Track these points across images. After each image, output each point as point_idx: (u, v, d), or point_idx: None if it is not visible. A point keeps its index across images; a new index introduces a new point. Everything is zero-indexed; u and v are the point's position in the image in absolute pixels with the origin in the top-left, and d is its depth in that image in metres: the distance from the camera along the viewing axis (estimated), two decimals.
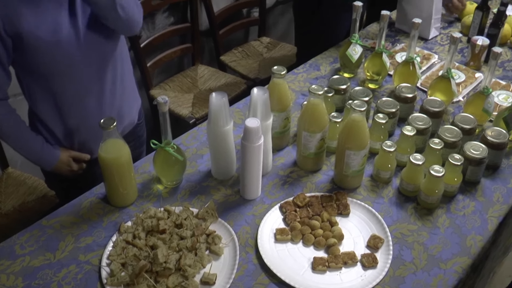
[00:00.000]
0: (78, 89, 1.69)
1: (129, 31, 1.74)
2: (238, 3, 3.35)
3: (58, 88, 1.67)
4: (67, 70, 1.63)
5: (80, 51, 1.62)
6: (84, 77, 1.68)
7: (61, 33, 1.57)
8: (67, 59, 1.61)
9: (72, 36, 1.59)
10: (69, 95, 1.69)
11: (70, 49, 1.60)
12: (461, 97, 2.10)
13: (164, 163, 1.62)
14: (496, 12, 2.33)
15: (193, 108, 2.86)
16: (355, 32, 2.09)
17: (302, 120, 1.64)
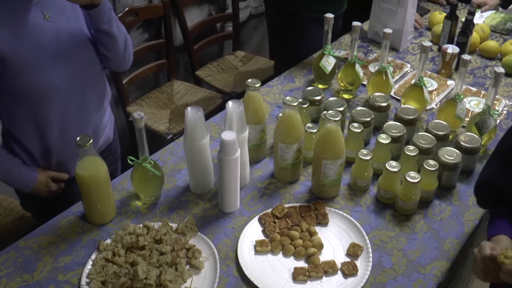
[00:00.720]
0: (59, 109, 1.68)
1: (121, 67, 1.84)
2: (212, 18, 3.37)
3: (38, 109, 1.65)
4: (49, 91, 1.63)
5: (62, 71, 1.62)
6: (65, 98, 1.68)
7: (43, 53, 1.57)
8: (48, 79, 1.60)
9: (54, 59, 1.59)
10: (50, 115, 1.68)
11: (52, 70, 1.60)
12: (434, 105, 2.14)
13: (142, 179, 1.61)
14: (464, 21, 2.38)
15: (170, 123, 2.86)
16: (328, 43, 2.12)
17: (278, 131, 1.65)
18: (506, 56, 2.41)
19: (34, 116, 1.66)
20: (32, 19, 1.55)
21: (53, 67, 1.60)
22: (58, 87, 1.63)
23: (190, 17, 3.21)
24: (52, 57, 1.59)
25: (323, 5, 2.37)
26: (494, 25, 2.80)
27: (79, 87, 1.71)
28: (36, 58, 1.56)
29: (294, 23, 2.56)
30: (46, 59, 1.58)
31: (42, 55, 1.57)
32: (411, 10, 2.49)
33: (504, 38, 2.70)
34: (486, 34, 2.62)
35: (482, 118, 1.82)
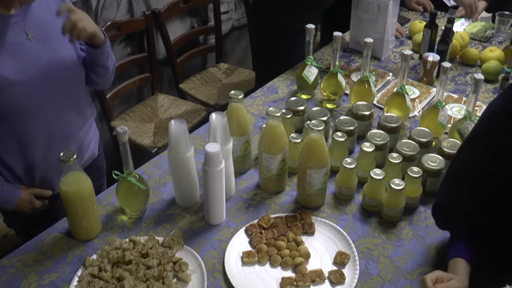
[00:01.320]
0: (42, 127, 1.67)
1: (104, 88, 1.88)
2: (194, 31, 3.38)
3: (21, 127, 1.64)
4: (32, 110, 1.62)
5: (46, 91, 1.62)
6: (49, 116, 1.67)
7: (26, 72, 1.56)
8: (32, 99, 1.60)
9: (38, 76, 1.59)
10: (33, 133, 1.67)
11: (35, 89, 1.59)
12: (416, 112, 2.16)
13: (127, 194, 1.61)
14: (443, 29, 2.41)
15: (155, 137, 2.86)
16: (310, 54, 2.13)
17: (262, 142, 1.65)
18: (485, 63, 2.44)
19: (17, 133, 1.65)
20: (15, 39, 1.56)
21: (37, 86, 1.59)
22: (42, 105, 1.63)
23: (172, 30, 3.22)
24: (35, 76, 1.59)
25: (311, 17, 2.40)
26: (474, 33, 2.84)
27: (63, 105, 1.70)
28: (19, 77, 1.55)
29: (277, 33, 2.58)
30: (30, 78, 1.57)
31: (26, 74, 1.57)
32: (391, 19, 2.51)
33: (483, 46, 2.73)
34: (465, 42, 2.66)
35: (463, 124, 1.84)
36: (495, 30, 2.83)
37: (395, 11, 2.54)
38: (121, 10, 2.93)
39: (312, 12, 2.50)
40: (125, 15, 2.96)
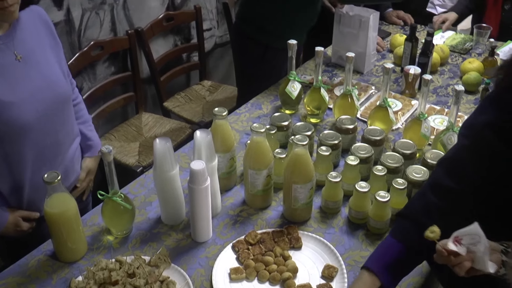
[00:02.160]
0: (31, 148, 1.66)
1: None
2: (177, 49, 3.39)
3: (10, 147, 1.63)
4: (21, 130, 1.61)
5: (35, 111, 1.61)
6: (37, 136, 1.66)
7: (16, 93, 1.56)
8: (21, 119, 1.59)
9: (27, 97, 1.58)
10: (22, 153, 1.66)
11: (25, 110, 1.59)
12: (399, 124, 2.18)
13: (112, 213, 1.60)
14: (424, 42, 2.44)
15: (140, 156, 2.85)
16: (292, 69, 2.15)
17: (247, 158, 1.66)
18: (465, 74, 2.47)
19: (5, 154, 1.64)
20: (4, 59, 1.56)
21: (26, 107, 1.59)
22: (30, 126, 1.62)
23: (155, 48, 3.23)
24: (25, 96, 1.58)
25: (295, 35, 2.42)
26: (453, 45, 2.89)
27: (52, 125, 1.70)
28: (9, 98, 1.55)
29: (259, 52, 2.60)
30: (20, 98, 1.57)
31: (15, 94, 1.56)
32: (372, 34, 2.55)
33: (463, 57, 2.78)
34: (445, 54, 2.70)
35: (446, 135, 1.85)
36: (474, 42, 2.88)
37: (376, 25, 2.58)
38: (104, 29, 2.94)
39: (295, 31, 2.52)
40: (108, 34, 2.97)
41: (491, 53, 2.58)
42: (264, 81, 2.53)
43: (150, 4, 3.16)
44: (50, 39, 1.70)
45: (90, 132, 1.99)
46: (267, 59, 2.59)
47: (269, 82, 2.51)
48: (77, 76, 2.80)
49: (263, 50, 2.59)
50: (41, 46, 1.63)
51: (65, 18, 2.69)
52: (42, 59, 1.64)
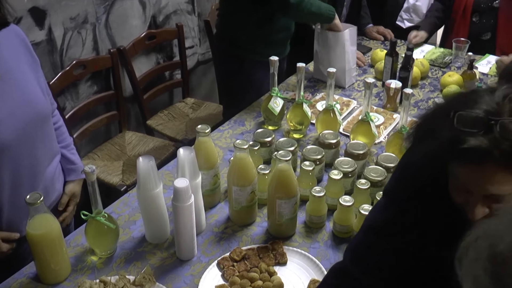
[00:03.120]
0: (9, 167, 1.65)
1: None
2: (160, 67, 3.39)
3: None
4: (1, 149, 1.60)
5: (15, 129, 1.60)
6: (16, 155, 1.65)
7: None
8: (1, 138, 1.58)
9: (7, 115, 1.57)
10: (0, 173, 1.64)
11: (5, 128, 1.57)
12: (382, 138, 2.19)
13: (96, 233, 1.59)
14: (404, 57, 2.47)
15: (124, 175, 2.83)
16: (275, 85, 2.16)
17: (231, 175, 1.66)
18: (446, 88, 2.51)
19: None
20: None
21: (4, 125, 1.57)
22: (9, 144, 1.60)
23: (138, 66, 3.23)
24: (5, 115, 1.57)
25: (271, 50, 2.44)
26: (433, 59, 2.92)
27: (32, 144, 1.68)
28: None
29: (241, 67, 2.61)
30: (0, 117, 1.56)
31: None
32: (350, 48, 2.57)
33: (443, 71, 2.81)
34: (425, 68, 2.73)
35: None
36: (453, 56, 2.92)
37: (354, 40, 2.60)
38: (87, 48, 2.93)
39: (269, 45, 2.55)
40: (91, 53, 2.96)
41: (469, 66, 2.62)
42: (243, 94, 2.55)
43: (132, 22, 3.17)
44: (28, 56, 1.70)
45: (73, 156, 1.98)
46: (245, 72, 2.61)
47: (250, 95, 2.53)
48: (60, 96, 2.80)
49: (239, 63, 2.61)
50: (19, 63, 1.62)
51: (47, 38, 2.69)
52: (20, 76, 1.63)
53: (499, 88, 1.03)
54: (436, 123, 1.07)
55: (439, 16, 3.19)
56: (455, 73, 2.61)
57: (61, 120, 1.95)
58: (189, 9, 3.57)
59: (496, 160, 0.96)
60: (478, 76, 2.68)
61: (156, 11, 3.31)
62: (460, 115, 0.99)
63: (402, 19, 3.36)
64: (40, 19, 2.63)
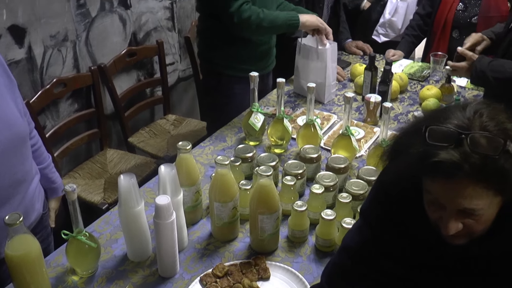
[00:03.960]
0: None
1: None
2: (141, 84, 3.39)
3: None
4: None
5: None
6: None
7: None
8: None
9: None
10: None
11: None
12: (363, 152, 2.21)
13: (77, 253, 1.57)
14: (383, 71, 2.50)
15: (105, 193, 2.81)
16: (255, 101, 2.17)
17: (212, 191, 1.66)
18: (424, 101, 2.54)
19: None
20: None
21: None
22: None
23: (119, 84, 3.23)
24: None
25: (249, 65, 2.45)
26: (411, 73, 2.96)
27: (9, 166, 1.66)
28: None
29: (220, 83, 2.63)
30: None
31: None
32: (331, 64, 2.59)
33: (422, 85, 2.85)
34: (404, 82, 2.77)
35: None
36: (431, 70, 2.96)
37: (334, 56, 2.63)
38: (67, 66, 2.92)
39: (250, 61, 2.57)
40: (71, 71, 2.95)
41: (447, 80, 2.66)
42: (224, 110, 2.56)
43: (113, 39, 3.17)
44: (4, 78, 1.68)
45: (53, 174, 1.97)
46: (224, 88, 2.63)
47: (231, 111, 2.54)
48: (40, 114, 2.78)
49: (218, 79, 2.64)
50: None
51: (27, 56, 2.67)
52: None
53: (470, 104, 1.06)
54: (409, 140, 1.10)
55: (416, 35, 3.26)
56: (433, 87, 2.65)
57: (40, 140, 1.94)
58: (169, 26, 3.58)
59: (467, 174, 0.98)
60: (456, 89, 2.72)
61: (136, 28, 3.32)
62: (431, 129, 1.02)
63: (378, 34, 3.42)
64: (20, 37, 2.62)
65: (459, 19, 3.02)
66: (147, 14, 3.36)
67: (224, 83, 2.61)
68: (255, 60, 2.60)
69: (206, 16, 2.58)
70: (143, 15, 3.34)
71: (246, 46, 2.55)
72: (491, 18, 2.90)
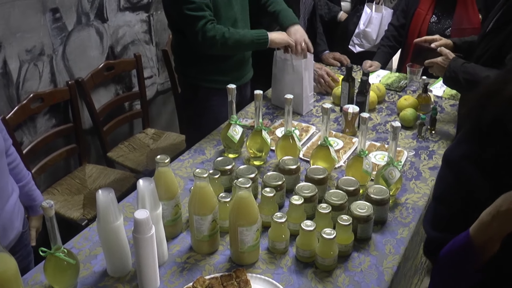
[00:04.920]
0: None
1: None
2: (119, 98, 3.38)
3: None
4: None
5: None
6: None
7: None
8: None
9: None
10: None
11: None
12: (342, 162, 2.22)
13: (55, 270, 1.55)
14: (360, 82, 2.52)
15: (84, 209, 2.79)
16: (233, 113, 2.17)
17: (192, 204, 1.65)
18: (402, 111, 2.56)
19: None
20: None
21: None
22: None
23: (97, 98, 3.21)
24: None
25: (224, 76, 2.46)
26: (389, 84, 2.99)
27: None
28: None
29: (199, 96, 2.63)
30: None
31: None
32: (307, 76, 2.61)
33: (399, 95, 2.88)
34: (382, 93, 2.79)
35: (387, 170, 1.91)
36: (408, 80, 2.99)
37: (310, 68, 2.64)
38: (44, 81, 2.91)
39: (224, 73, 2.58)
40: (48, 86, 2.93)
41: (424, 89, 2.69)
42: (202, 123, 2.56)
43: (90, 53, 3.16)
44: None
45: (34, 192, 1.96)
46: (201, 99, 2.64)
47: (208, 121, 2.54)
48: (17, 130, 2.75)
49: (194, 91, 2.65)
50: None
51: (2, 71, 2.65)
52: None
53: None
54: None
55: (392, 45, 3.32)
56: (410, 97, 2.68)
57: (18, 157, 1.92)
58: (147, 39, 3.58)
59: None
60: (432, 99, 2.76)
61: (113, 41, 3.31)
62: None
63: (354, 44, 3.45)
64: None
65: (433, 31, 3.06)
66: (124, 27, 3.36)
67: (201, 95, 2.62)
68: (231, 70, 2.61)
69: (176, 33, 2.59)
70: (120, 28, 3.33)
71: (220, 59, 2.57)
72: (464, 30, 2.96)
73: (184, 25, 2.42)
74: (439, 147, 2.36)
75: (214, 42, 2.39)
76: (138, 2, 3.42)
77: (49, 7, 2.83)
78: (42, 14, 2.79)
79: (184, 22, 2.40)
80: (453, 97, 2.84)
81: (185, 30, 2.43)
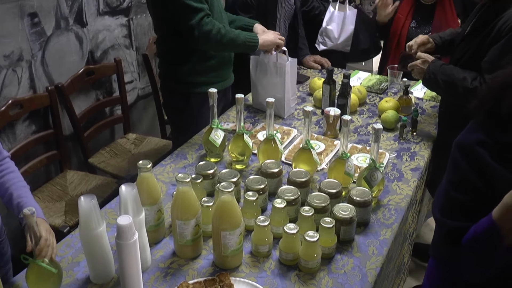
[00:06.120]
0: None
1: None
2: (100, 103, 3.35)
3: None
4: None
5: None
6: None
7: None
8: None
9: None
10: None
11: None
12: (324, 165, 2.23)
13: (38, 278, 1.53)
14: (341, 84, 2.54)
15: (66, 216, 2.76)
16: (215, 117, 2.17)
17: (174, 209, 1.65)
18: (383, 113, 2.58)
19: None
20: None
21: None
22: None
23: (77, 104, 3.19)
24: None
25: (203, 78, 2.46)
26: (370, 86, 3.01)
27: None
28: None
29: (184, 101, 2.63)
30: None
31: None
32: (290, 79, 2.62)
33: (380, 97, 2.90)
34: (363, 95, 2.81)
35: (369, 172, 1.92)
36: (389, 82, 3.02)
37: (294, 71, 2.65)
38: (23, 86, 2.87)
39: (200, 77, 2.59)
40: (28, 92, 2.90)
41: (405, 92, 2.72)
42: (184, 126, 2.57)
43: (69, 58, 3.13)
44: None
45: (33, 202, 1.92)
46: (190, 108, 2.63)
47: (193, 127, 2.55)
48: None
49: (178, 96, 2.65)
50: None
51: None
52: None
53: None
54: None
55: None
56: (391, 99, 2.70)
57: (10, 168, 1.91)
58: (127, 43, 3.56)
59: None
60: (413, 101, 2.78)
61: (93, 46, 3.29)
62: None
63: (318, 42, 3.45)
64: None
65: (413, 33, 3.10)
66: (104, 32, 3.34)
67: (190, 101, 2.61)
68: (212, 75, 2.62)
69: (165, 34, 2.58)
70: (100, 33, 3.31)
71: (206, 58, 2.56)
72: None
73: (180, 20, 2.40)
74: (421, 149, 2.38)
75: (209, 37, 2.39)
76: (118, 7, 3.40)
77: (27, 12, 2.80)
78: (20, 19, 2.77)
79: (182, 12, 2.38)
80: (433, 99, 2.87)
81: (181, 25, 2.40)
